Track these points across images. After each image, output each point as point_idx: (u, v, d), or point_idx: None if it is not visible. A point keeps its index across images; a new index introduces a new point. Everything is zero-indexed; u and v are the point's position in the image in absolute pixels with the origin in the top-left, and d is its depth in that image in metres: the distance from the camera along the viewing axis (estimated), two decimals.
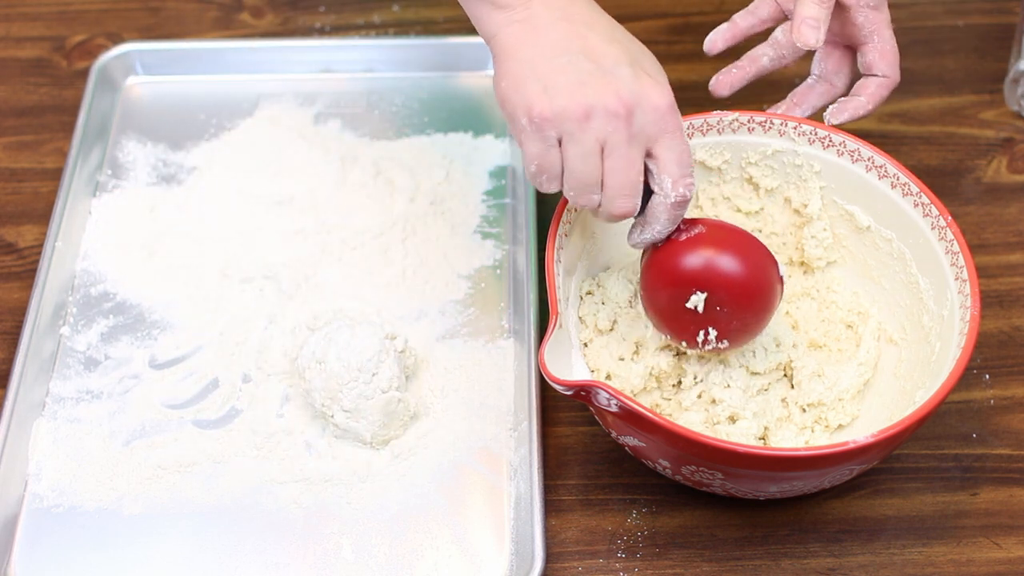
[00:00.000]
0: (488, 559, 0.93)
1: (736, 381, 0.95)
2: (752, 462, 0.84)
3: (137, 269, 1.09)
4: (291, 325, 1.04)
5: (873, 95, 0.99)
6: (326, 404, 0.96)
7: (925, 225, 0.95)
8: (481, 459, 0.98)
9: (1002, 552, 0.95)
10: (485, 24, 0.89)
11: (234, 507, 0.95)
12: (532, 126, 0.84)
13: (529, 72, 0.85)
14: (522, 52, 0.86)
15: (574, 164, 0.85)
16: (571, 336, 0.93)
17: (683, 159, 0.86)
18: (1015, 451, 1.00)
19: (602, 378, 0.96)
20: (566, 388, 0.85)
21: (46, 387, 1.02)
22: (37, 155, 1.19)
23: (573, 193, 0.87)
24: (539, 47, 0.85)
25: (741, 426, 0.94)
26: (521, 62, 0.86)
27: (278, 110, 1.20)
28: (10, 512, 0.95)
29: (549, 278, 0.90)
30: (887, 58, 0.98)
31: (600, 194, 0.87)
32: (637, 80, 0.85)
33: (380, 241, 1.10)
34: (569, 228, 0.95)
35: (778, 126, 0.99)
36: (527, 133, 0.85)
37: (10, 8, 1.30)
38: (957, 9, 1.30)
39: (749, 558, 0.94)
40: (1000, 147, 1.19)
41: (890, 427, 0.84)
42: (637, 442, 0.89)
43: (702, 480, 0.89)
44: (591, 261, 1.00)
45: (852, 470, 0.88)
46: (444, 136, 1.19)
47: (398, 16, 1.29)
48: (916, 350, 0.96)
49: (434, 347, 1.04)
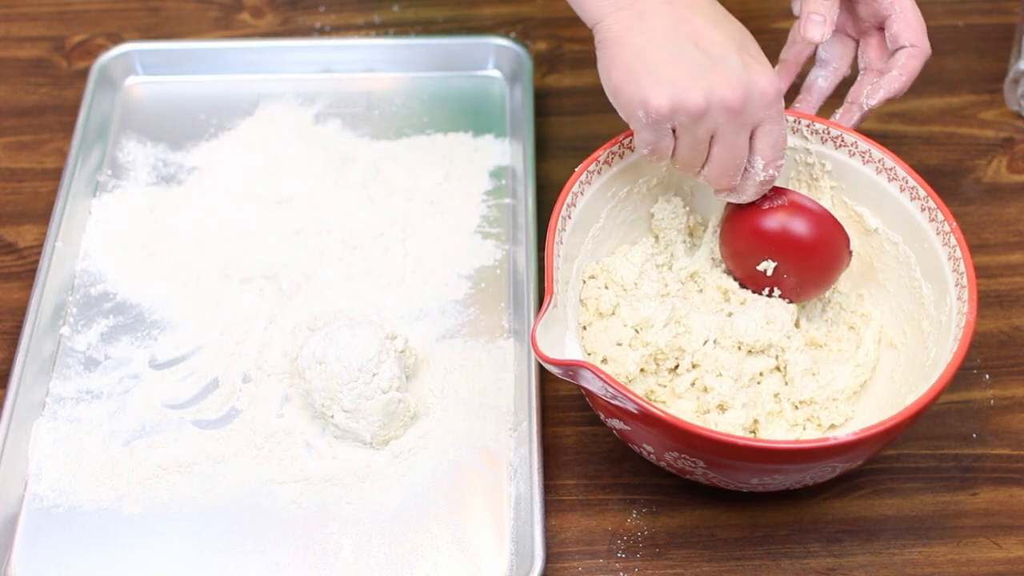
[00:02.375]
0: (488, 559, 0.93)
1: (728, 370, 0.95)
2: (730, 451, 0.85)
3: (137, 269, 1.09)
4: (291, 325, 1.04)
5: (905, 67, 0.98)
6: (326, 404, 0.96)
7: (931, 230, 0.95)
8: (481, 459, 0.98)
9: (1002, 552, 0.95)
10: (589, 11, 0.90)
11: (234, 507, 0.95)
12: (648, 119, 0.88)
13: (640, 63, 0.87)
14: (631, 40, 0.87)
15: (684, 151, 0.90)
16: (567, 317, 0.93)
17: (779, 143, 0.91)
18: (1015, 451, 1.00)
19: (598, 362, 0.96)
20: (554, 366, 0.86)
21: (46, 387, 1.02)
22: (37, 155, 1.19)
23: (679, 167, 0.92)
24: (646, 34, 0.87)
25: (730, 416, 0.94)
26: (631, 52, 0.87)
27: (278, 110, 1.20)
28: (10, 512, 0.95)
29: (548, 258, 0.91)
30: (912, 27, 0.97)
31: (704, 170, 0.92)
32: (746, 69, 0.87)
33: (380, 241, 1.10)
34: (573, 211, 0.96)
35: (791, 123, 0.99)
36: (643, 124, 0.88)
37: (10, 8, 1.30)
38: (957, 9, 1.30)
39: (749, 558, 0.94)
40: (1000, 147, 1.19)
41: (871, 427, 0.84)
42: (623, 426, 0.89)
43: (684, 467, 0.90)
44: (596, 245, 1.00)
45: (835, 468, 0.88)
46: (444, 136, 1.19)
47: (398, 16, 1.29)
48: (914, 355, 0.96)
49: (434, 347, 1.04)
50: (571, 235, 0.96)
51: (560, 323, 0.91)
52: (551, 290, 0.89)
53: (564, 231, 0.94)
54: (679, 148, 0.90)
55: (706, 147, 0.90)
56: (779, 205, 0.96)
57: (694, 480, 0.93)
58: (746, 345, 0.97)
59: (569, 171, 0.97)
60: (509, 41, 1.23)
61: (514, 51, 1.22)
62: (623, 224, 1.02)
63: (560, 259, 0.93)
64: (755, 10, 1.29)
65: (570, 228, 0.96)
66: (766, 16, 1.27)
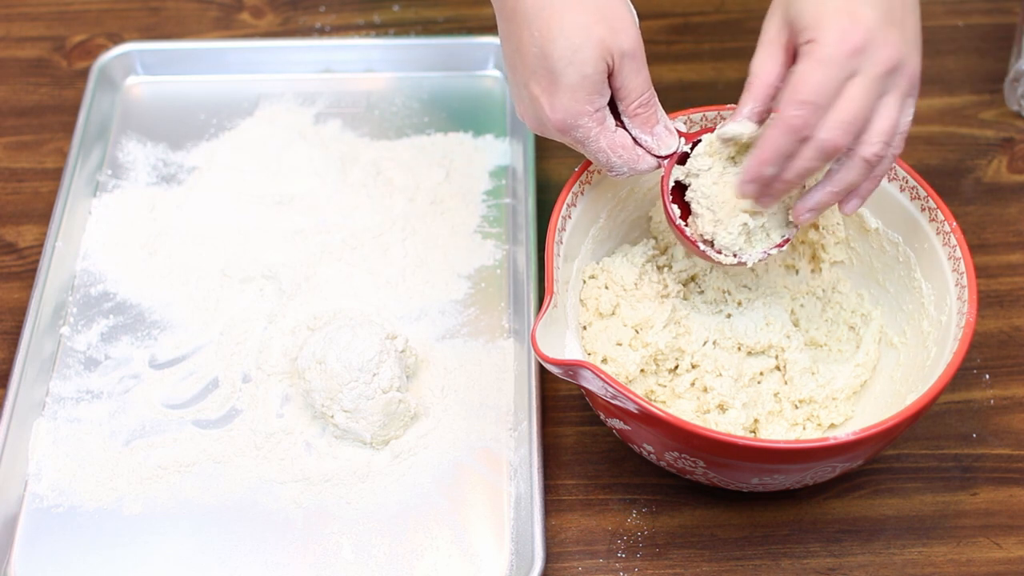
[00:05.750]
0: (488, 559, 0.93)
1: (728, 370, 0.95)
2: (730, 451, 0.85)
3: (137, 269, 1.09)
4: (291, 325, 1.04)
5: None
6: (326, 404, 0.96)
7: (931, 230, 0.95)
8: (481, 459, 0.98)
9: (1002, 552, 0.95)
10: None
11: (234, 507, 0.95)
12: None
13: None
14: None
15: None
16: (567, 317, 0.93)
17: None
18: (1015, 451, 1.00)
19: (598, 362, 0.96)
20: (554, 366, 0.86)
21: (46, 387, 1.02)
22: (37, 155, 1.19)
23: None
24: None
25: (730, 415, 0.94)
26: None
27: (278, 110, 1.20)
28: (10, 512, 0.95)
29: (548, 258, 0.91)
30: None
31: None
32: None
33: (380, 241, 1.10)
34: (573, 211, 0.96)
35: None
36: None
37: (10, 8, 1.30)
38: (957, 9, 1.30)
39: (749, 558, 0.94)
40: (1000, 147, 1.19)
41: (871, 427, 0.84)
42: (623, 425, 0.90)
43: (685, 467, 0.90)
44: (596, 245, 1.00)
45: (835, 468, 0.88)
46: (444, 136, 1.19)
47: (398, 16, 1.29)
48: (914, 354, 0.96)
49: (434, 347, 1.04)
50: (571, 235, 0.96)
51: (560, 323, 0.91)
52: (551, 290, 0.89)
53: (564, 231, 0.95)
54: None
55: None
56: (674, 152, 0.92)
57: (694, 480, 0.93)
58: (746, 346, 0.97)
59: (569, 171, 0.97)
60: None
61: None
62: (623, 224, 1.02)
63: (560, 259, 0.93)
64: (755, 10, 1.29)
65: (570, 228, 0.96)
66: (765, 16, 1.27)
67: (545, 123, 0.88)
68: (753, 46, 0.89)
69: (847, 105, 0.82)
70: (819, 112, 0.81)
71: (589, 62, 0.84)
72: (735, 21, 1.29)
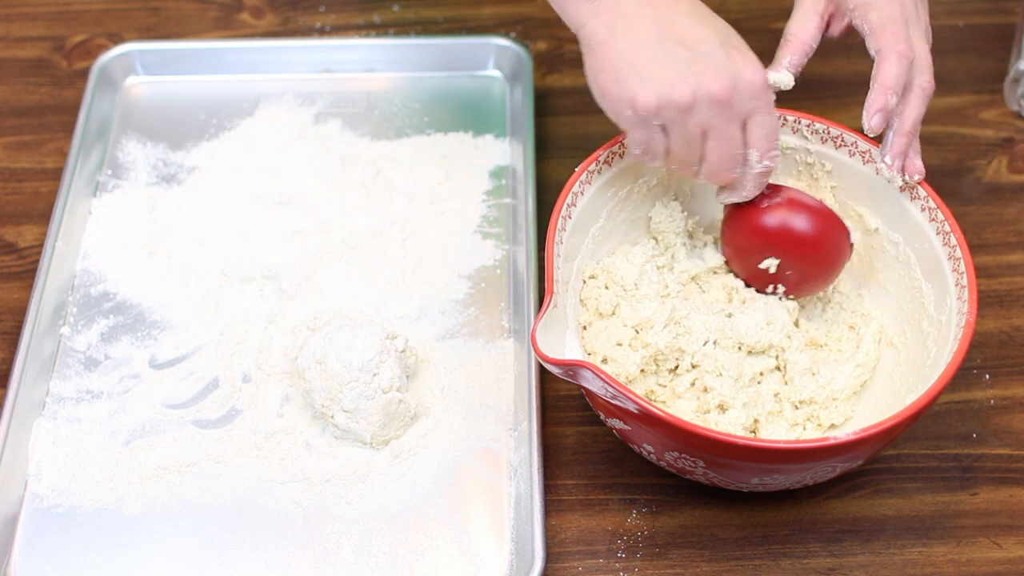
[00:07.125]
0: (488, 559, 0.93)
1: (728, 370, 0.95)
2: (730, 451, 0.85)
3: (137, 269, 1.09)
4: (291, 325, 1.04)
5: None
6: (326, 404, 0.96)
7: (931, 230, 0.95)
8: (481, 459, 0.98)
9: (1002, 552, 0.95)
10: (572, 15, 0.91)
11: (234, 507, 0.95)
12: (637, 117, 0.88)
13: (626, 65, 0.88)
14: (615, 43, 0.88)
15: (678, 148, 0.90)
16: (567, 317, 0.93)
17: (771, 134, 0.91)
18: (1015, 451, 1.00)
19: (598, 362, 0.96)
20: (554, 366, 0.86)
21: (46, 387, 1.02)
22: (37, 155, 1.19)
23: (676, 167, 0.93)
24: (631, 37, 0.88)
25: (730, 415, 0.94)
26: (616, 54, 0.88)
27: (278, 110, 1.20)
28: (10, 512, 0.95)
29: (548, 258, 0.91)
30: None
31: (702, 167, 0.92)
32: (731, 60, 0.88)
33: (380, 241, 1.10)
34: (573, 211, 0.96)
35: (791, 123, 0.99)
36: (632, 123, 0.89)
37: (10, 8, 1.30)
38: (957, 9, 1.30)
39: (749, 558, 0.94)
40: (1000, 147, 1.19)
41: (871, 427, 0.84)
42: (623, 425, 0.90)
43: (685, 467, 0.90)
44: (596, 245, 1.00)
45: (835, 468, 0.88)
46: (444, 136, 1.19)
47: (398, 16, 1.29)
48: (914, 354, 0.96)
49: (434, 347, 1.04)
50: (571, 235, 0.96)
51: (560, 323, 0.91)
52: (551, 290, 0.89)
53: (564, 231, 0.95)
54: (672, 145, 0.90)
55: (699, 143, 0.90)
56: (778, 202, 0.96)
57: (694, 480, 0.93)
58: (746, 346, 0.97)
59: (569, 171, 0.97)
60: (509, 41, 1.23)
61: (514, 51, 1.22)
62: (623, 224, 1.02)
63: (560, 259, 0.93)
64: (755, 10, 1.29)
65: (570, 228, 0.96)
66: (765, 16, 1.27)
67: (743, 81, 0.88)
68: (754, 46, 0.90)
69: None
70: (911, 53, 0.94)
71: None
72: (735, 21, 1.26)
